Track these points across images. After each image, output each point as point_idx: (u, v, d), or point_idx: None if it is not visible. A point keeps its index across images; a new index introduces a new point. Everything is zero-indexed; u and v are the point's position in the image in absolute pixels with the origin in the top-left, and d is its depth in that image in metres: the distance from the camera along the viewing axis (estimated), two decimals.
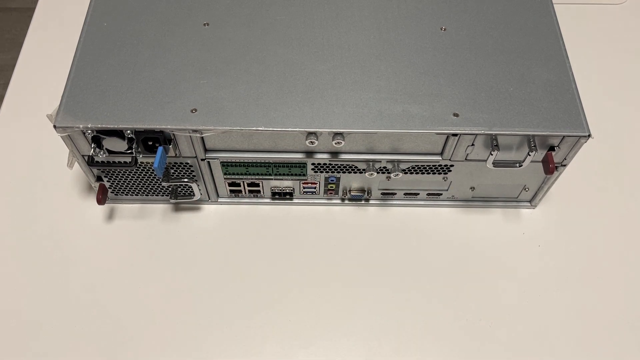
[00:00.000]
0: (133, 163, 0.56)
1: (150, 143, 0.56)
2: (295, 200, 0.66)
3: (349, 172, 0.61)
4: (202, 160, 0.59)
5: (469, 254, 0.64)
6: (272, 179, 0.63)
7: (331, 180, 0.63)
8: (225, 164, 0.60)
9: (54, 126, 0.53)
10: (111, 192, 0.64)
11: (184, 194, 0.64)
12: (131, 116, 0.54)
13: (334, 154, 0.58)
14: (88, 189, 0.67)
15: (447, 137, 0.56)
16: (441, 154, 0.59)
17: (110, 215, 0.65)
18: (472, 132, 0.55)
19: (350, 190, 0.64)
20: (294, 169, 0.61)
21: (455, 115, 0.55)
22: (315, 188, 0.64)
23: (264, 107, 0.55)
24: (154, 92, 0.56)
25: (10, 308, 0.59)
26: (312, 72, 0.58)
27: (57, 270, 0.62)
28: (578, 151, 0.57)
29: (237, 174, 0.62)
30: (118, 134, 0.54)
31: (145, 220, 0.65)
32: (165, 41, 0.59)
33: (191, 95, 0.56)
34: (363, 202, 0.67)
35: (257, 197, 0.66)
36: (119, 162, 0.58)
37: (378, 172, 0.60)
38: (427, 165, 0.60)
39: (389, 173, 0.61)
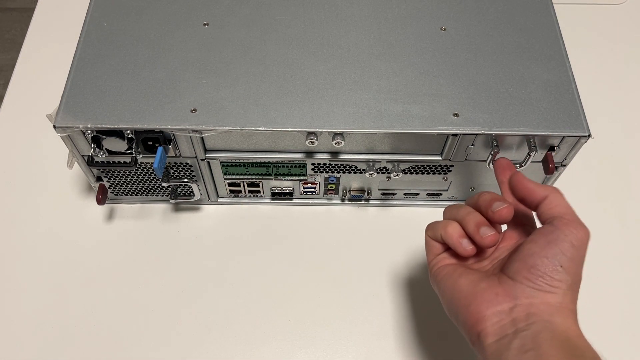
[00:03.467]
0: (133, 163, 0.56)
1: (150, 143, 0.56)
2: (295, 200, 0.66)
3: (349, 172, 0.61)
4: (202, 160, 0.59)
5: None
6: (272, 179, 0.63)
7: (331, 181, 0.63)
8: (225, 164, 0.60)
9: (54, 126, 0.53)
10: (111, 192, 0.64)
11: (184, 194, 0.64)
12: (131, 116, 0.54)
13: (334, 154, 0.58)
14: (88, 189, 0.67)
15: (447, 137, 0.56)
16: (441, 154, 0.59)
17: (110, 215, 0.65)
18: (472, 132, 0.55)
19: (350, 190, 0.64)
20: (294, 169, 0.61)
21: (455, 115, 0.55)
22: (315, 188, 0.64)
23: (263, 107, 0.55)
24: (154, 92, 0.56)
25: (10, 308, 0.59)
26: (312, 72, 0.58)
27: (57, 270, 0.62)
28: (578, 151, 0.57)
29: (237, 174, 0.62)
30: (118, 134, 0.54)
31: (145, 220, 0.65)
32: (165, 41, 0.59)
33: (191, 95, 0.56)
34: (363, 202, 0.67)
35: (257, 197, 0.66)
36: (119, 162, 0.58)
37: (378, 172, 0.60)
38: (427, 165, 0.60)
39: (389, 173, 0.61)
